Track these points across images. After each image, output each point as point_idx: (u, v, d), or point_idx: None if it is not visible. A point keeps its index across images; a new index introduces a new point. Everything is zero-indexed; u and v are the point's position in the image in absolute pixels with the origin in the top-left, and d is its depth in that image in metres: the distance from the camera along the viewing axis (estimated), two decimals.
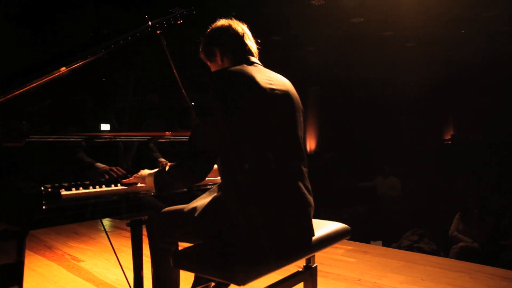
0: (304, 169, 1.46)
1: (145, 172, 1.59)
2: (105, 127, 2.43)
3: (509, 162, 6.56)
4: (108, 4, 5.50)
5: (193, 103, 2.18)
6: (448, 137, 9.83)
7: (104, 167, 1.67)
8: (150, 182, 1.53)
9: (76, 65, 1.75)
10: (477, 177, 6.00)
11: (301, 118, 1.52)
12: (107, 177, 1.65)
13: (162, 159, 1.87)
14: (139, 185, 1.62)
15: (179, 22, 2.17)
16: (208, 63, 1.63)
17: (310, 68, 9.62)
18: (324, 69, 9.66)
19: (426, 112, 9.45)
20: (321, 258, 3.01)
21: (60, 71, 1.67)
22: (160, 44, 2.13)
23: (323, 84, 10.35)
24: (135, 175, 1.62)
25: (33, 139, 1.51)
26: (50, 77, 1.66)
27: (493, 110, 8.81)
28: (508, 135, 8.58)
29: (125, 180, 1.64)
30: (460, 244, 4.21)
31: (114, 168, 1.68)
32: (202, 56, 1.63)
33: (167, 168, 1.48)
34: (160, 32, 2.11)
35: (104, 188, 1.56)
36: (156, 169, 1.56)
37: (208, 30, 1.62)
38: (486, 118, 8.85)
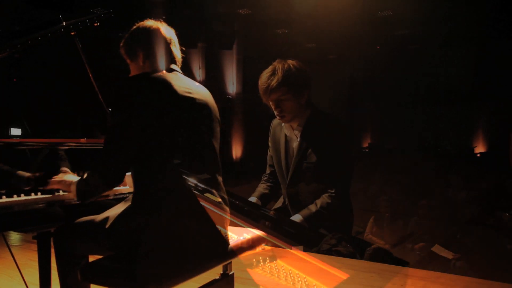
0: (219, 178, 1.47)
1: (70, 178, 1.50)
2: (15, 131, 2.26)
3: (418, 169, 7.13)
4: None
5: (110, 109, 2.10)
6: (366, 145, 10.47)
7: (20, 174, 1.54)
8: (74, 190, 1.44)
9: None
10: (389, 182, 6.44)
11: (218, 128, 1.53)
12: (28, 188, 1.52)
13: (63, 168, 1.74)
14: (61, 192, 1.53)
15: (95, 24, 2.09)
16: (128, 61, 1.57)
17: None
18: (249, 78, 9.82)
19: (345, 121, 9.99)
20: (241, 264, 3.04)
21: None
22: (75, 46, 2.04)
23: (247, 92, 10.51)
24: (56, 180, 1.52)
25: None
26: None
27: (407, 120, 9.58)
28: (419, 143, 9.37)
29: (47, 186, 1.52)
30: (373, 246, 4.47)
31: (34, 175, 1.55)
32: (122, 51, 1.57)
33: (85, 175, 1.41)
34: (74, 34, 2.02)
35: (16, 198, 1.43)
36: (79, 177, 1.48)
37: (134, 27, 1.55)
38: (401, 127, 9.60)
